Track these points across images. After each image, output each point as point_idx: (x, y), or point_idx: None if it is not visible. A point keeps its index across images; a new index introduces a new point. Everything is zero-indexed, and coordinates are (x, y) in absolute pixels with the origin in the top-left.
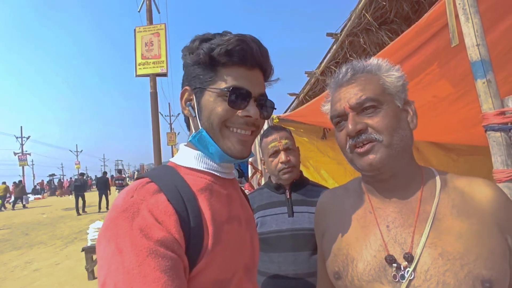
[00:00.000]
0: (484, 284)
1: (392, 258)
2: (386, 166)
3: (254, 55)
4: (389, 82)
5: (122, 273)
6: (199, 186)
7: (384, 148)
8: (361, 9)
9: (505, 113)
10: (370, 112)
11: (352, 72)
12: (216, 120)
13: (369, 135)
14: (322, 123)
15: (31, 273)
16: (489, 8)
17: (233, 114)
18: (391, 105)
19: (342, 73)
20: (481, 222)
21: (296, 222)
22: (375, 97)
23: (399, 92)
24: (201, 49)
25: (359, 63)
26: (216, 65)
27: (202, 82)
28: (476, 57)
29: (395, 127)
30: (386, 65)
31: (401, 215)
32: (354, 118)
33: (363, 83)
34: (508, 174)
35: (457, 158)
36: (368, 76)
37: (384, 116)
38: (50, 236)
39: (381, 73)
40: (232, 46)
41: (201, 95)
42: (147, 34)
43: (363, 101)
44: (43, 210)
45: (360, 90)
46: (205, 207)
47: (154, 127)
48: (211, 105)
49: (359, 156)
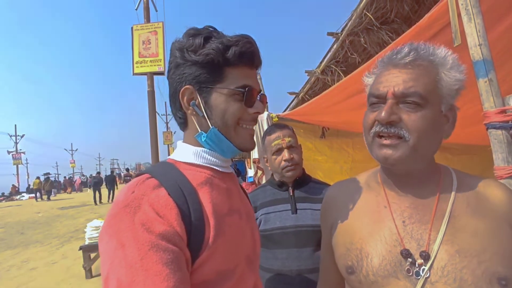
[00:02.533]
0: (500, 281)
1: (408, 252)
2: (402, 165)
3: (258, 57)
4: (445, 81)
5: (124, 267)
6: (199, 180)
7: (407, 148)
8: (362, 8)
9: (506, 111)
10: (412, 107)
11: (414, 56)
12: (231, 119)
13: (399, 130)
14: (321, 122)
15: (27, 272)
16: (489, 8)
17: (245, 112)
18: (434, 108)
19: (402, 52)
20: (495, 222)
21: (300, 219)
22: (423, 94)
23: (449, 96)
24: (210, 48)
25: (425, 47)
26: (224, 65)
27: (209, 82)
28: (478, 56)
29: (427, 132)
30: (452, 62)
31: (417, 211)
32: (392, 107)
33: (418, 73)
34: (508, 171)
35: (452, 157)
36: (428, 67)
37: (423, 117)
38: (46, 235)
39: (443, 68)
40: (245, 48)
41: (209, 94)
42: (145, 32)
43: (410, 93)
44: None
45: (412, 79)
46: (205, 201)
47: (151, 126)
48: (223, 104)
49: (379, 146)
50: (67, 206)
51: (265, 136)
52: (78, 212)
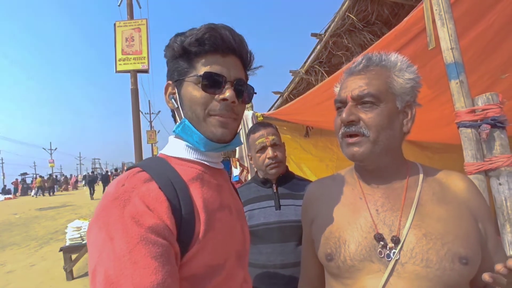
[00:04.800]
0: (461, 260)
1: (381, 236)
2: (368, 160)
3: (225, 41)
4: (397, 81)
5: (112, 260)
6: (190, 175)
7: (369, 144)
8: (344, 10)
9: (475, 111)
10: (368, 107)
11: (365, 64)
12: (198, 108)
13: (359, 129)
14: (305, 122)
15: (4, 275)
16: (462, 15)
17: (211, 100)
18: (389, 105)
19: (358, 62)
20: (457, 209)
21: (283, 214)
22: (376, 94)
23: (404, 94)
24: (175, 42)
25: (377, 55)
26: (190, 56)
27: (180, 74)
28: (451, 59)
29: (385, 127)
30: (402, 64)
31: (389, 200)
32: (350, 108)
33: (370, 77)
34: (477, 167)
35: (432, 155)
36: (379, 71)
37: (378, 114)
38: (24, 237)
39: (393, 71)
40: (201, 34)
41: (181, 86)
42: (128, 29)
43: (364, 94)
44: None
45: (365, 83)
46: (196, 196)
47: (135, 124)
48: (189, 94)
49: (346, 145)
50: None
51: (249, 134)
52: (58, 213)
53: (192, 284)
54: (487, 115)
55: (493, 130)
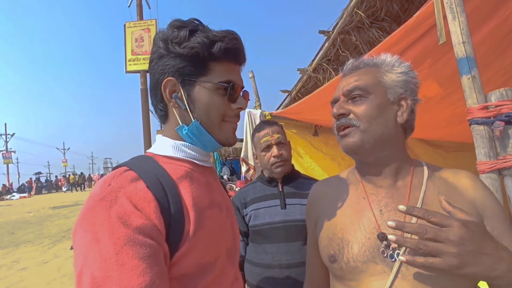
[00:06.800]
0: None
1: (384, 235)
2: (362, 151)
3: (244, 54)
4: (387, 76)
5: (99, 262)
6: (179, 174)
7: (360, 133)
8: (352, 7)
9: (488, 107)
10: (357, 100)
11: (356, 64)
12: (216, 115)
13: (349, 120)
14: (314, 121)
15: (18, 272)
16: (474, 9)
17: (228, 108)
18: (379, 97)
19: (348, 63)
20: (464, 207)
21: (289, 214)
22: (364, 87)
23: (396, 87)
24: (195, 42)
25: (369, 58)
26: (209, 59)
27: (193, 75)
28: (462, 54)
29: (374, 116)
30: (391, 61)
31: (393, 200)
32: (340, 103)
33: (360, 74)
34: (490, 165)
35: (446, 154)
36: (369, 69)
37: (368, 105)
38: (38, 235)
39: (382, 67)
40: (230, 44)
41: (192, 87)
42: (138, 29)
43: (352, 88)
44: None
45: (355, 80)
46: (185, 194)
47: (144, 124)
48: (207, 99)
49: (341, 138)
50: (59, 205)
51: (254, 133)
52: (71, 211)
53: (183, 284)
54: (500, 112)
55: (507, 127)
